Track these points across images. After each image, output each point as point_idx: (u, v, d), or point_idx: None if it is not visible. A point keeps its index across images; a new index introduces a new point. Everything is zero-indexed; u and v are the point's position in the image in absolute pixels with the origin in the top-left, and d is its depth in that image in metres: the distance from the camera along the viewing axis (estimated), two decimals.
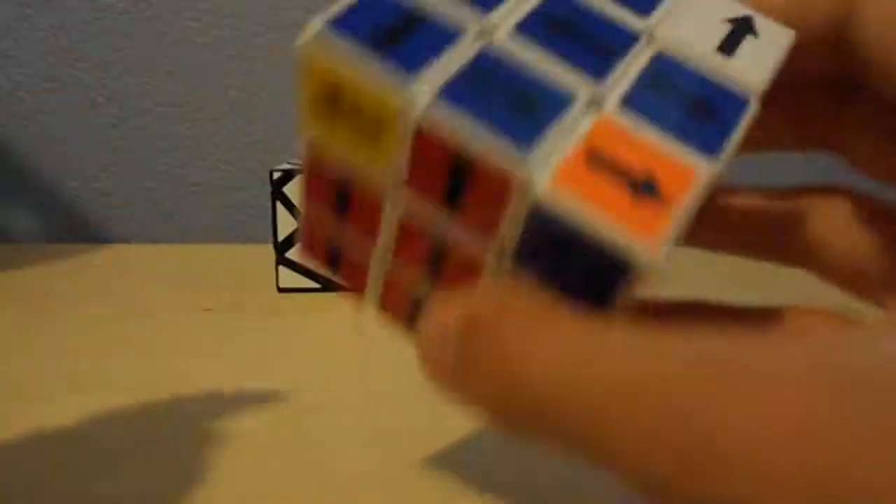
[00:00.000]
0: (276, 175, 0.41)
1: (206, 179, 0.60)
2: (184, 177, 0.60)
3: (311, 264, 0.17)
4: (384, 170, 0.14)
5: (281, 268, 0.43)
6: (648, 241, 0.11)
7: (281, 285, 0.43)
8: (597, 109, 0.13)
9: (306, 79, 0.13)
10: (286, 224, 0.42)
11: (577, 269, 0.12)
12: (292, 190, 0.42)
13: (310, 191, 0.16)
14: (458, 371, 0.11)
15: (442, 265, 0.15)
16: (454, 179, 0.13)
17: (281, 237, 0.42)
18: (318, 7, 0.58)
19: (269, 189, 0.44)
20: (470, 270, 0.14)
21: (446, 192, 0.13)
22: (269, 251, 0.44)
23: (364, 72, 0.13)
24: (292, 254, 0.42)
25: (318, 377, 0.30)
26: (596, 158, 0.12)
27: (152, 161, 0.60)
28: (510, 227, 0.13)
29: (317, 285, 0.43)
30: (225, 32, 0.58)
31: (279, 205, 0.42)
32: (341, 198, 0.15)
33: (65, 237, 0.61)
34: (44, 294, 0.42)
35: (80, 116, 0.59)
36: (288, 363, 0.32)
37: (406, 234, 0.15)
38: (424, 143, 0.13)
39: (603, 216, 0.11)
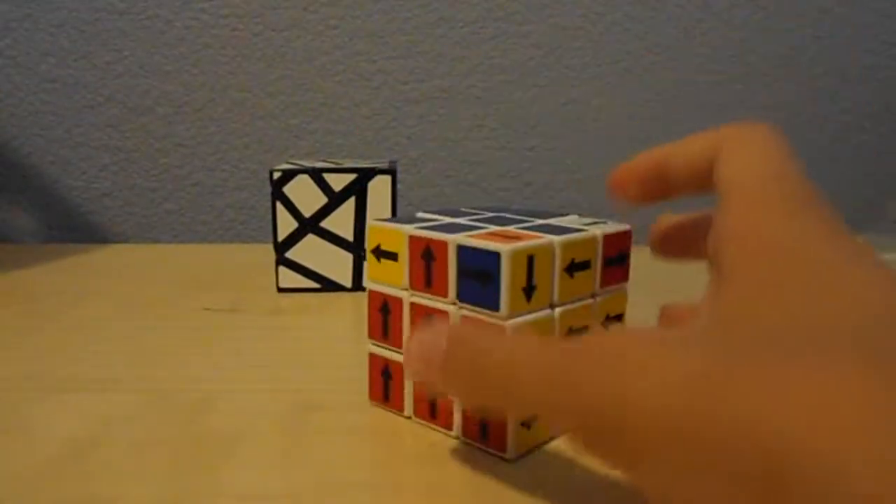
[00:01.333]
0: (276, 175, 0.41)
1: (206, 179, 0.60)
2: (184, 177, 0.60)
3: (386, 408, 0.27)
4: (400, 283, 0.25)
5: (281, 268, 0.43)
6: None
7: (281, 285, 0.43)
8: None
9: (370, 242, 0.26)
10: (286, 224, 0.42)
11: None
12: (292, 190, 0.42)
13: (370, 332, 0.26)
14: (445, 366, 0.19)
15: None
16: (427, 264, 0.24)
17: (281, 237, 0.42)
18: (317, 7, 0.58)
19: (269, 189, 0.44)
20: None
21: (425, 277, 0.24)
22: (269, 251, 0.44)
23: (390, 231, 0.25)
24: (292, 254, 0.42)
25: (318, 377, 0.30)
26: None
27: (152, 161, 0.60)
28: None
29: (317, 285, 0.43)
30: (225, 32, 0.58)
31: (279, 205, 0.42)
32: (384, 319, 0.25)
33: (65, 237, 0.61)
34: (44, 294, 0.42)
35: (80, 116, 0.59)
36: (288, 363, 0.32)
37: (415, 313, 0.25)
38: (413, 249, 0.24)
39: None
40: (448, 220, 0.26)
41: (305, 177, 0.42)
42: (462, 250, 0.23)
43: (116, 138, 0.59)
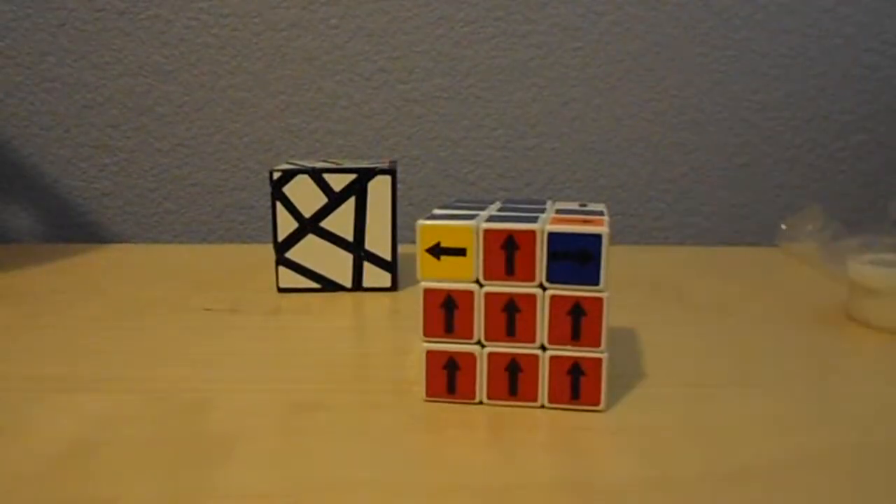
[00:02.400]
0: (276, 175, 0.41)
1: (206, 179, 0.60)
2: (184, 177, 0.60)
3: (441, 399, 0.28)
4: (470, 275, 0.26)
5: (281, 268, 0.43)
6: None
7: (281, 285, 0.43)
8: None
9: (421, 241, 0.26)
10: (286, 224, 0.42)
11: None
12: (292, 190, 0.42)
13: (427, 331, 0.27)
14: None
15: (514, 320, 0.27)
16: (508, 254, 0.26)
17: (281, 237, 0.42)
18: (317, 8, 0.58)
19: (269, 189, 0.44)
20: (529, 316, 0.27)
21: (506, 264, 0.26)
22: (269, 251, 0.44)
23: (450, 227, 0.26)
24: (292, 254, 0.42)
25: (319, 377, 0.30)
26: None
27: (152, 161, 0.60)
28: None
29: (317, 285, 0.43)
30: (225, 32, 0.58)
31: (279, 205, 0.42)
32: (448, 314, 0.27)
33: (65, 237, 0.61)
34: (44, 294, 0.42)
35: (80, 116, 0.59)
36: (288, 363, 0.32)
37: (489, 303, 0.26)
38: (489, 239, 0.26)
39: None
40: (479, 212, 0.28)
41: (305, 177, 0.42)
42: (555, 237, 0.25)
43: (116, 138, 0.59)
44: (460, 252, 0.26)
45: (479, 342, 0.27)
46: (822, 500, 0.21)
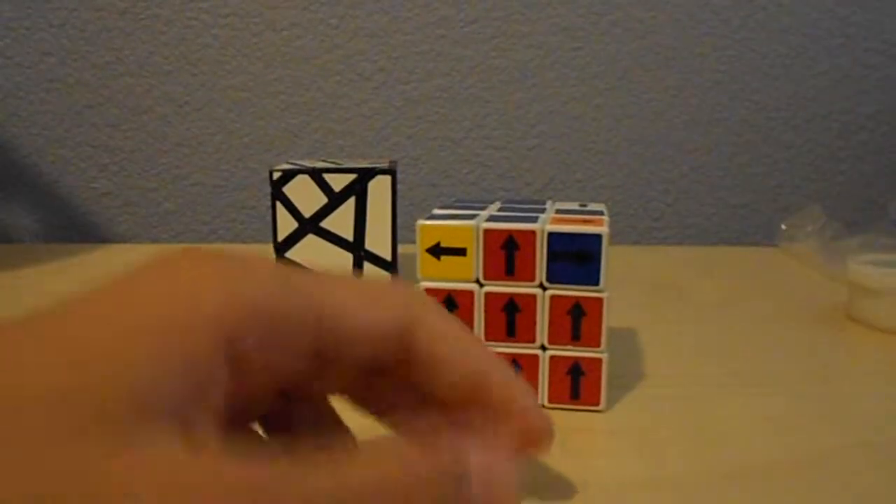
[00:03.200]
0: (276, 175, 0.41)
1: (206, 179, 0.60)
2: (184, 177, 0.60)
3: None
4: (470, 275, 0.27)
5: None
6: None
7: None
8: None
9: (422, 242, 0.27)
10: (286, 224, 0.42)
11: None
12: (292, 190, 0.42)
13: None
14: None
15: (513, 319, 0.27)
16: (509, 254, 0.26)
17: (281, 237, 0.42)
18: (317, 8, 0.58)
19: (269, 189, 0.44)
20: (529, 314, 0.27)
21: (506, 265, 0.26)
22: (269, 251, 0.44)
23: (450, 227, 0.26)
24: (292, 254, 0.42)
25: None
26: None
27: (152, 161, 0.60)
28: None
29: None
30: (225, 32, 0.58)
31: (279, 205, 0.42)
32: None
33: (65, 237, 0.61)
34: (44, 294, 0.42)
35: (80, 116, 0.59)
36: None
37: (490, 302, 0.26)
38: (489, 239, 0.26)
39: None
40: (479, 212, 0.28)
41: (305, 177, 0.42)
42: (555, 236, 0.25)
43: (116, 138, 0.59)
44: (460, 252, 0.26)
45: None
46: (822, 500, 0.21)
